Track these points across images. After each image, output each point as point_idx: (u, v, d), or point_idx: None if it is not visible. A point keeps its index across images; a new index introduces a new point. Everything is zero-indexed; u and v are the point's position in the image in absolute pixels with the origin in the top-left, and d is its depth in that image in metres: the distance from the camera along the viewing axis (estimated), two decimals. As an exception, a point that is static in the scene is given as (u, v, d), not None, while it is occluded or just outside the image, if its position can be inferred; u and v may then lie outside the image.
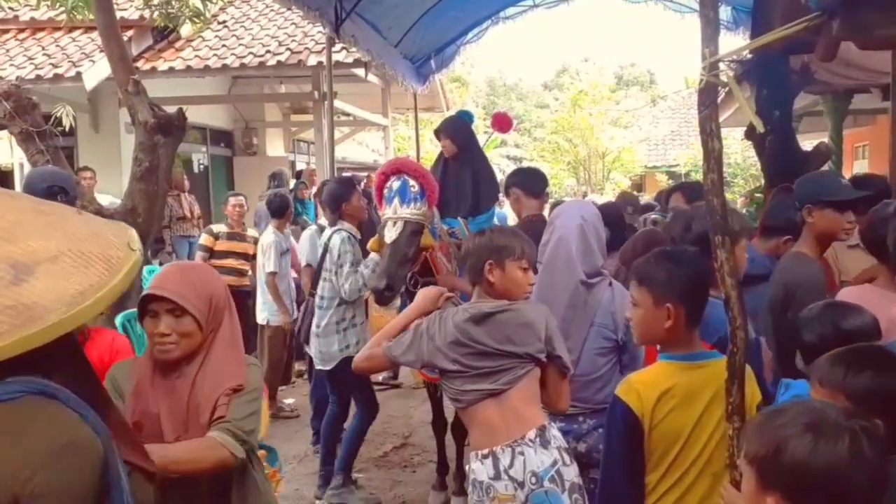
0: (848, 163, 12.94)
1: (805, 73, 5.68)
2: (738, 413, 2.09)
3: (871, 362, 1.78)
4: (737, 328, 2.09)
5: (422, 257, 4.11)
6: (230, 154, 13.84)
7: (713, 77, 2.02)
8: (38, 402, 1.32)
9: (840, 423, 1.36)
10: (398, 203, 3.96)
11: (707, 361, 2.28)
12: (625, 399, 2.24)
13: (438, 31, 8.43)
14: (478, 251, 2.69)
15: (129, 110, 5.85)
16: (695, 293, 2.27)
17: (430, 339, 2.62)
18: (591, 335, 3.00)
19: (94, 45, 10.02)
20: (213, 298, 2.20)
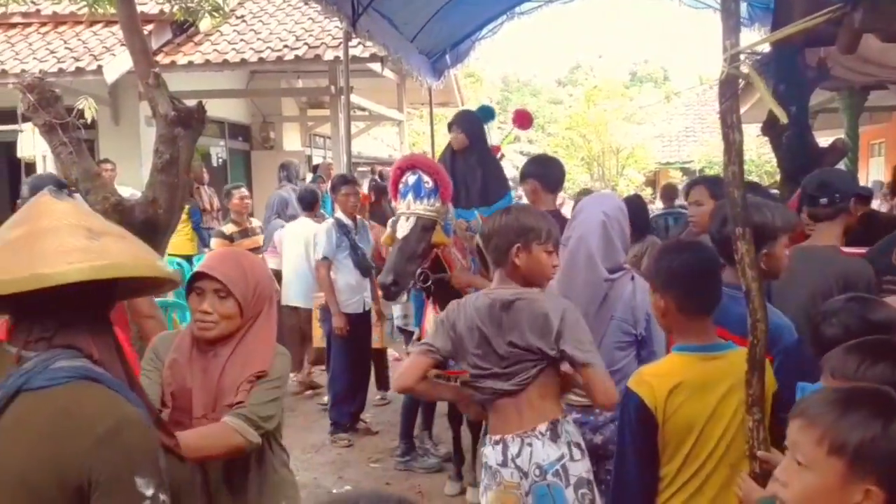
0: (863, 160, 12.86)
1: (821, 69, 5.66)
2: (758, 405, 2.10)
3: (886, 354, 1.76)
4: (757, 321, 2.09)
5: (433, 254, 4.09)
6: (248, 148, 13.91)
7: (734, 69, 2.04)
8: (85, 385, 1.48)
9: None
10: (412, 198, 3.97)
11: (723, 353, 2.27)
12: (637, 391, 2.23)
13: (454, 26, 8.46)
14: (503, 232, 2.61)
15: (150, 103, 5.90)
16: (684, 282, 2.26)
17: (451, 328, 2.62)
18: (611, 329, 3.00)
19: (114, 38, 10.09)
20: (258, 287, 2.28)
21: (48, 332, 1.51)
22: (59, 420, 1.44)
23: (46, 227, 1.51)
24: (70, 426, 1.43)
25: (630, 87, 31.51)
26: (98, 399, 1.49)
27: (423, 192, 3.96)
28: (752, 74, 2.06)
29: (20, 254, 1.46)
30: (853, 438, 1.35)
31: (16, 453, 1.44)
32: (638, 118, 26.99)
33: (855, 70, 7.06)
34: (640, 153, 25.32)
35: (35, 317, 1.52)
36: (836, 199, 3.14)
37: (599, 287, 3.00)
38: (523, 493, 2.50)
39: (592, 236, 3.02)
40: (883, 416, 1.37)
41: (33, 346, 1.51)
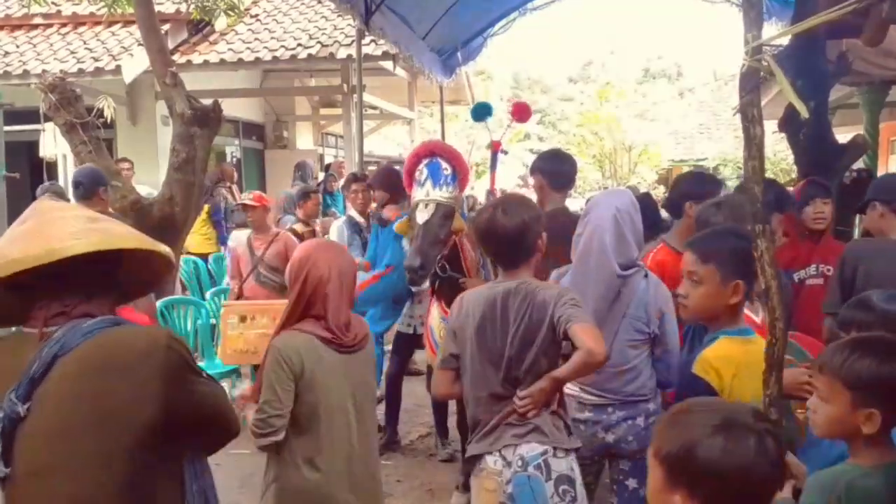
0: (883, 157, 12.71)
1: (841, 63, 5.59)
2: (776, 405, 2.09)
3: (874, 351, 1.81)
4: (776, 319, 2.07)
5: (452, 241, 4.06)
6: (262, 147, 13.97)
7: (755, 62, 2.02)
8: (118, 329, 1.63)
9: (748, 424, 1.44)
10: (430, 185, 3.92)
11: (752, 337, 2.38)
12: (705, 377, 2.29)
13: (465, 24, 8.45)
14: (534, 227, 2.70)
15: (167, 102, 5.96)
16: (747, 266, 2.27)
17: (452, 331, 2.72)
18: (623, 326, 2.95)
19: (132, 38, 10.18)
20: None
21: (67, 306, 1.62)
22: (110, 360, 1.55)
23: (53, 217, 1.67)
24: (123, 361, 1.56)
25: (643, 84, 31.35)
26: (136, 331, 1.65)
27: (442, 179, 3.92)
28: (774, 67, 2.04)
29: (32, 237, 1.61)
30: (671, 450, 1.46)
31: (77, 404, 1.52)
32: (651, 115, 26.90)
33: (876, 64, 6.97)
34: (653, 150, 25.22)
35: (52, 294, 1.63)
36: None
37: (612, 283, 2.96)
38: (504, 481, 2.55)
39: (605, 232, 2.97)
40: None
41: (54, 322, 1.61)
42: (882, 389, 1.77)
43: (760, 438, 1.41)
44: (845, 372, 1.80)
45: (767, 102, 8.24)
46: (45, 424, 1.51)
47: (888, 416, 1.78)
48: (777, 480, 1.47)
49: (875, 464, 1.80)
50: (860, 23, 3.73)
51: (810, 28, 2.14)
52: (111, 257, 1.65)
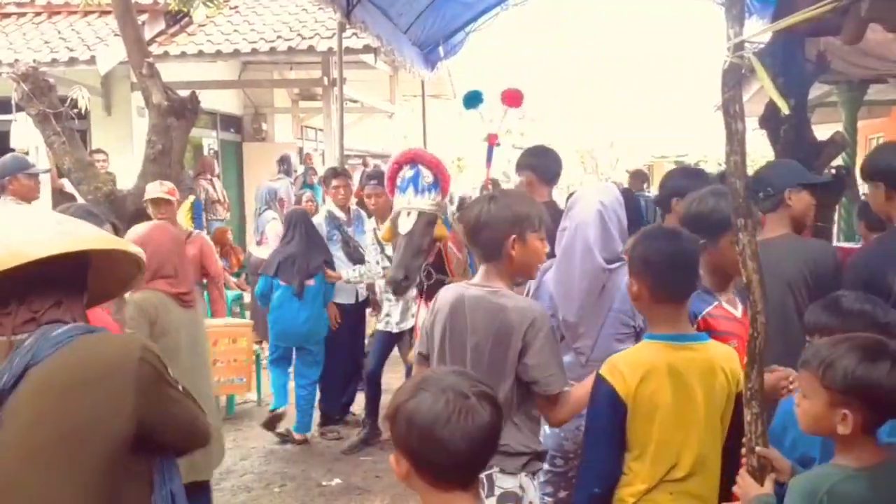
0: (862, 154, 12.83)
1: (821, 62, 5.63)
2: (757, 398, 2.08)
3: (852, 353, 1.80)
4: (757, 312, 2.08)
5: (436, 248, 4.10)
6: (239, 139, 13.86)
7: (737, 58, 2.01)
8: (90, 336, 1.59)
9: (450, 386, 1.49)
10: (412, 193, 3.94)
11: (692, 343, 2.26)
12: (609, 380, 2.22)
13: (447, 18, 8.41)
14: (496, 223, 2.47)
15: (143, 93, 5.88)
16: (656, 269, 2.25)
17: (425, 328, 2.65)
18: (609, 320, 2.98)
19: (108, 28, 10.04)
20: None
21: (36, 312, 1.56)
22: (82, 373, 1.51)
23: (15, 220, 1.65)
24: (95, 373, 1.52)
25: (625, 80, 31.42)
26: (109, 340, 1.63)
27: (423, 187, 3.95)
28: (756, 64, 2.04)
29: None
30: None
31: (48, 419, 1.48)
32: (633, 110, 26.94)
33: (855, 63, 7.04)
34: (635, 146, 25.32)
35: (19, 300, 1.56)
36: (770, 193, 3.17)
37: (597, 277, 2.96)
38: None
39: (589, 227, 2.98)
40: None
41: (22, 329, 1.55)
42: (858, 392, 1.76)
43: (455, 398, 1.49)
44: (822, 371, 1.80)
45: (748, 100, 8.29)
46: (15, 439, 1.47)
47: (867, 418, 1.77)
48: (478, 443, 1.48)
49: (860, 466, 1.79)
50: (839, 21, 3.75)
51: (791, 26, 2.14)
52: (79, 260, 1.62)
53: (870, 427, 1.80)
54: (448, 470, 1.49)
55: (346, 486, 4.95)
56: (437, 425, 1.45)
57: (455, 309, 2.50)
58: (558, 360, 2.46)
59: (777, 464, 2.05)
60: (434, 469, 1.49)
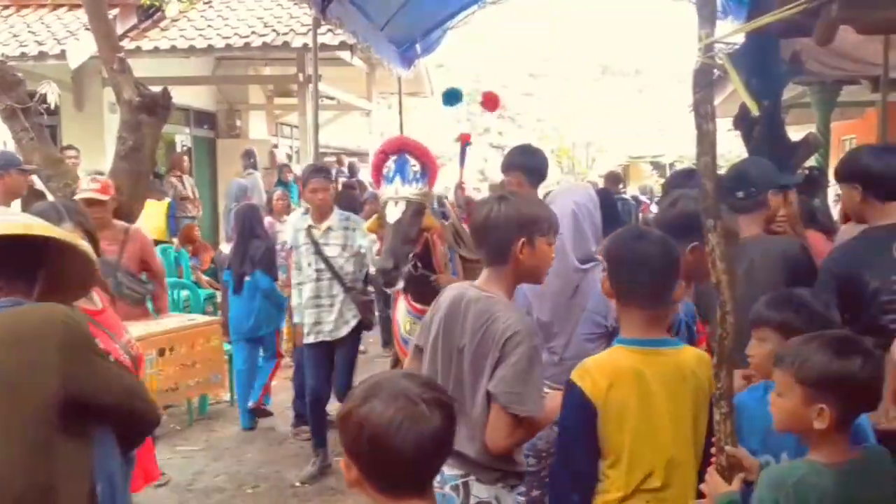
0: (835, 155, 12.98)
1: (795, 63, 5.67)
2: (726, 398, 2.09)
3: (827, 348, 1.83)
4: (726, 313, 2.08)
5: (424, 238, 4.00)
6: (213, 136, 13.75)
7: (708, 59, 2.01)
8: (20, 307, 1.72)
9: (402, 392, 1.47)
10: (399, 182, 3.86)
11: (661, 348, 2.22)
12: (579, 383, 2.18)
13: (424, 15, 8.36)
14: (506, 225, 2.35)
15: (114, 88, 5.79)
16: (627, 270, 2.22)
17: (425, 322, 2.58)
18: (583, 320, 2.98)
19: (79, 22, 9.92)
20: None
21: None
22: (7, 335, 1.64)
23: None
24: (19, 335, 1.65)
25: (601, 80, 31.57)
26: (33, 308, 1.73)
27: (411, 176, 3.87)
28: (727, 64, 2.04)
29: None
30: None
31: None
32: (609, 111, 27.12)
33: (828, 64, 7.10)
34: (611, 146, 25.47)
35: None
36: (752, 192, 3.13)
37: (570, 277, 2.97)
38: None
39: (564, 223, 2.92)
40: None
41: None
42: (833, 386, 1.79)
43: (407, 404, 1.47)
44: (798, 367, 1.82)
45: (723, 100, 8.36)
46: None
47: (841, 413, 1.80)
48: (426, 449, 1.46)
49: (830, 461, 1.81)
50: (811, 23, 3.78)
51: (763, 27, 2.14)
52: (29, 248, 1.72)
53: (842, 423, 1.82)
54: (399, 477, 1.47)
55: (319, 487, 4.92)
56: (387, 432, 1.43)
57: (453, 308, 2.43)
58: (530, 383, 2.28)
59: (746, 463, 2.06)
60: (385, 476, 1.47)
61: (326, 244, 4.95)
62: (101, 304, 2.71)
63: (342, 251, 4.96)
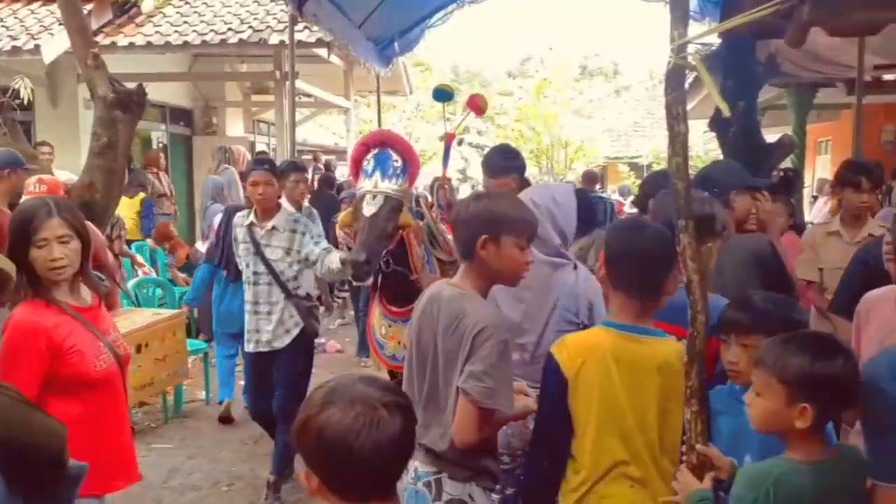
0: (810, 157, 13.15)
1: (771, 65, 5.73)
2: (696, 397, 2.11)
3: (808, 348, 1.84)
4: (697, 312, 2.10)
5: (398, 236, 3.85)
6: (189, 133, 13.64)
7: (681, 59, 2.02)
8: None
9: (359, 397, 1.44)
10: (379, 177, 3.72)
11: (645, 337, 2.25)
12: (556, 356, 2.28)
13: (403, 13, 8.34)
14: (472, 221, 2.37)
15: (88, 84, 5.74)
16: (620, 259, 2.30)
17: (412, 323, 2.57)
18: (554, 317, 2.97)
19: (53, 17, 9.79)
20: None
21: None
22: None
23: None
24: None
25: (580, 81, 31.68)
26: None
27: (392, 171, 3.72)
28: (698, 65, 2.05)
29: None
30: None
31: None
32: (587, 112, 27.21)
33: (804, 66, 7.17)
34: (589, 147, 25.53)
35: None
36: (715, 193, 3.20)
37: (541, 275, 2.93)
38: (402, 488, 2.41)
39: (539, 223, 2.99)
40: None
41: None
42: (814, 385, 1.80)
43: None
44: (779, 367, 1.83)
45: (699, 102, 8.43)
46: None
47: (822, 411, 1.82)
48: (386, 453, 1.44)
49: (808, 459, 1.84)
50: (784, 25, 3.83)
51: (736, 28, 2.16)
52: None
53: (821, 421, 1.85)
54: (362, 483, 1.45)
55: (295, 485, 4.89)
56: (346, 439, 1.40)
57: (428, 306, 2.43)
58: (501, 378, 2.26)
59: (717, 462, 2.08)
60: (347, 484, 1.45)
61: (268, 245, 4.42)
62: (90, 300, 2.68)
63: (285, 255, 4.40)
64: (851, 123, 7.00)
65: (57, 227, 2.52)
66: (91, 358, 2.55)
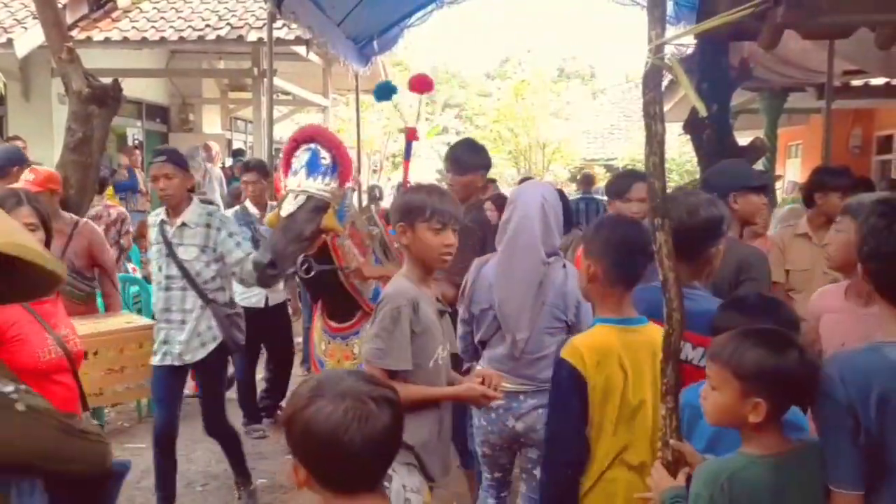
0: (781, 160, 13.32)
1: (743, 69, 5.81)
2: (672, 393, 2.12)
3: (763, 342, 1.86)
4: (673, 310, 2.11)
5: (321, 241, 3.53)
6: (166, 130, 13.56)
7: (658, 60, 2.04)
8: None
9: (349, 391, 1.46)
10: (304, 175, 3.45)
11: (639, 326, 2.40)
12: (570, 360, 2.33)
13: (382, 12, 8.34)
14: (393, 213, 2.63)
15: (63, 79, 5.66)
16: (615, 252, 2.38)
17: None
18: (544, 314, 3.04)
19: (26, 11, 9.69)
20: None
21: None
22: None
23: None
24: None
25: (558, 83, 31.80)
26: None
27: (319, 169, 3.44)
28: (675, 66, 2.07)
29: None
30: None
31: None
32: (565, 114, 27.30)
33: (776, 71, 7.28)
34: (567, 149, 25.63)
35: None
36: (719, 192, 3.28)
37: (538, 270, 3.03)
38: None
39: (534, 220, 3.05)
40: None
41: None
42: (769, 380, 1.81)
43: (355, 403, 1.48)
44: (734, 361, 1.84)
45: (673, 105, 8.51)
46: None
47: (776, 405, 1.84)
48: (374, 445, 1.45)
49: (763, 453, 1.85)
50: (758, 27, 3.89)
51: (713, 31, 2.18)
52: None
53: (775, 415, 1.86)
54: (350, 476, 1.46)
55: (270, 485, 4.87)
56: (336, 433, 1.41)
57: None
58: (393, 339, 2.41)
59: (690, 458, 2.10)
60: (336, 476, 1.46)
61: (181, 244, 3.98)
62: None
63: (200, 253, 3.97)
64: (821, 127, 7.10)
65: (26, 216, 2.58)
66: (34, 348, 2.56)
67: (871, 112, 12.23)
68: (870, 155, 12.75)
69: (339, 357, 3.70)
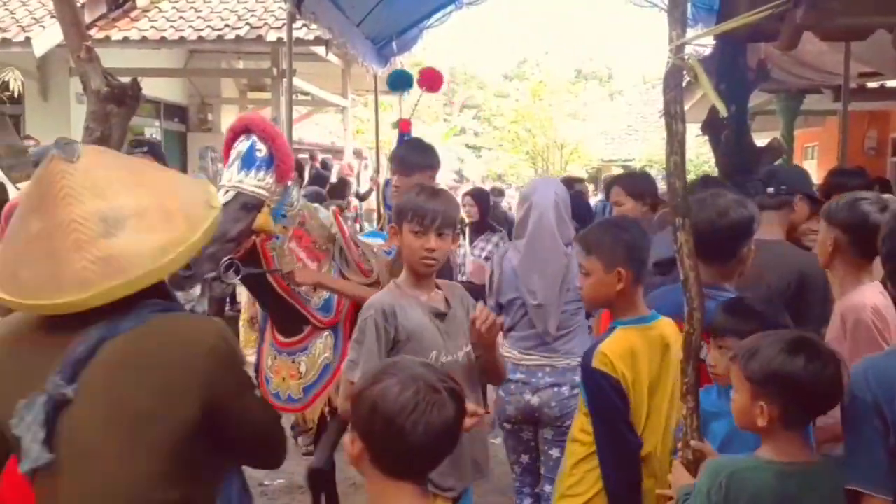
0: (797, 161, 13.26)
1: (761, 70, 5.79)
2: (692, 393, 2.11)
3: (773, 346, 1.84)
4: (694, 309, 2.11)
5: (250, 242, 3.09)
6: (184, 129, 13.61)
7: (679, 60, 2.04)
8: (170, 316, 1.55)
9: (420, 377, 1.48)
10: (237, 168, 3.04)
11: (653, 322, 2.45)
12: (604, 369, 2.35)
13: (401, 13, 8.35)
14: (391, 216, 2.69)
15: (81, 78, 5.68)
16: (641, 258, 2.45)
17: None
18: (570, 298, 3.29)
19: (44, 10, 9.76)
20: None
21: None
22: (157, 350, 1.49)
23: (60, 221, 1.46)
24: (169, 353, 1.49)
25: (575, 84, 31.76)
26: (189, 322, 1.58)
27: (254, 163, 3.03)
28: (696, 66, 2.07)
29: (41, 266, 1.46)
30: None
31: (123, 392, 1.46)
32: (582, 115, 27.27)
33: (793, 73, 7.24)
34: (584, 149, 25.63)
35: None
36: (781, 191, 3.27)
37: (561, 261, 3.29)
38: None
39: (550, 212, 3.33)
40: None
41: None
42: (774, 384, 1.80)
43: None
44: (745, 364, 1.86)
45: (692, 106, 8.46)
46: (94, 410, 1.45)
47: (786, 411, 1.81)
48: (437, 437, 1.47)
49: (774, 459, 1.82)
50: (777, 28, 3.87)
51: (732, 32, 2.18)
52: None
53: (790, 422, 1.83)
54: (404, 461, 1.47)
55: (288, 485, 4.87)
56: (401, 414, 1.43)
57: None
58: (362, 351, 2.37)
59: (710, 458, 2.09)
60: (389, 458, 1.47)
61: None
62: None
63: None
64: (837, 129, 7.05)
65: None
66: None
67: (887, 114, 12.19)
68: (885, 156, 12.70)
69: (285, 375, 3.43)
